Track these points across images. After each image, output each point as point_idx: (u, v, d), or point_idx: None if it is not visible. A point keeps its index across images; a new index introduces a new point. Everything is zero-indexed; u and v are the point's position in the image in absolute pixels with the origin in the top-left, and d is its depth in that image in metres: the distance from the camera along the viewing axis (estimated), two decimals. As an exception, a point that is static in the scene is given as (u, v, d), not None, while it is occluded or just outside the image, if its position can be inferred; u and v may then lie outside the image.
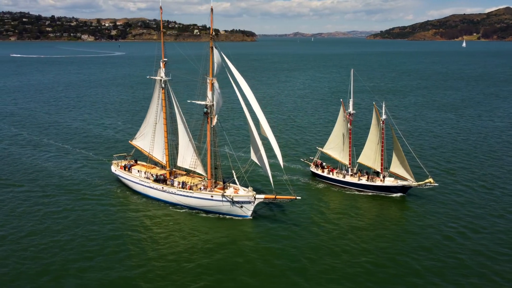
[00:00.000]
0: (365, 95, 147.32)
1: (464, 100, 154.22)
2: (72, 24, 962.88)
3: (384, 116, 65.05)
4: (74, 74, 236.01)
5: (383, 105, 65.02)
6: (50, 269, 42.84)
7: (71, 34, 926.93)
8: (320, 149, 73.89)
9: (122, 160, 69.00)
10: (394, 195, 63.56)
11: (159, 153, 65.23)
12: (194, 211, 56.95)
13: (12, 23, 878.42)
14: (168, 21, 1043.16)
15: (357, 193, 64.42)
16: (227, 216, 55.58)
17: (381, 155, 66.18)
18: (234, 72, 54.34)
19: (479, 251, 47.28)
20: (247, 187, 56.51)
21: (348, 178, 66.94)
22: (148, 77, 63.94)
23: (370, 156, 68.09)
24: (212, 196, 55.69)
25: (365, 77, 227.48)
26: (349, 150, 69.18)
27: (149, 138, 65.90)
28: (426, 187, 62.13)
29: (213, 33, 55.33)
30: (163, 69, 61.21)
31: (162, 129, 63.52)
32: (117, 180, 66.77)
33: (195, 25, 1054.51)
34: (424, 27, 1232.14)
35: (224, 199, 54.91)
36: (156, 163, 66.91)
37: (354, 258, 45.79)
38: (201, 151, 60.79)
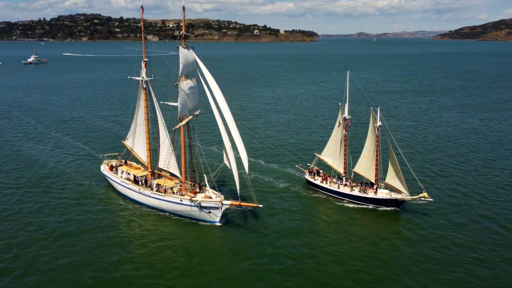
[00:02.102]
0: (388, 96, 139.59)
1: (497, 102, 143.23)
2: (138, 25, 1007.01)
3: (379, 123, 59.92)
4: (120, 72, 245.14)
5: (378, 111, 59.95)
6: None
7: (137, 35, 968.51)
8: (318, 155, 69.85)
9: (113, 160, 69.25)
10: (387, 208, 58.34)
11: (143, 154, 64.77)
12: (168, 215, 55.62)
13: (84, 24, 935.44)
14: (229, 21, 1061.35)
15: (348, 204, 59.81)
16: (198, 222, 53.75)
17: (375, 165, 61.16)
18: (206, 74, 52.23)
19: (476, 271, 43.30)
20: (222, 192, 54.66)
21: (341, 188, 62.51)
22: (129, 77, 63.61)
23: (365, 165, 63.13)
24: (181, 200, 54.14)
25: (403, 79, 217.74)
26: (344, 158, 64.68)
27: (136, 139, 65.77)
28: (420, 201, 56.56)
29: (184, 32, 53.55)
30: (144, 69, 60.52)
31: (144, 130, 62.99)
32: (105, 180, 67.09)
33: (255, 25, 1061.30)
34: (496, 27, 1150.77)
35: (192, 203, 53.16)
36: (143, 164, 66.53)
37: (320, 273, 42.72)
38: (178, 153, 59.44)
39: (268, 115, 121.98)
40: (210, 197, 53.83)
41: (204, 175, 55.36)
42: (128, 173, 62.70)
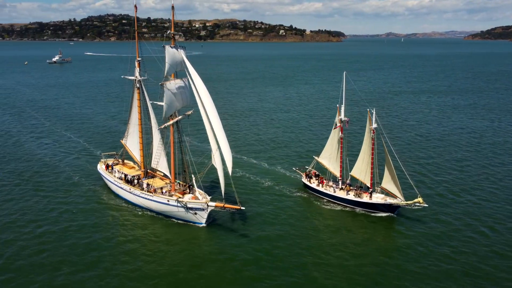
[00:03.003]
0: (401, 97, 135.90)
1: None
2: (165, 25, 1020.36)
3: (374, 125, 58.04)
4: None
5: (374, 113, 58.06)
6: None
7: (164, 35, 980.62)
8: (316, 158, 68.36)
9: (110, 159, 69.60)
10: (382, 214, 56.39)
11: (137, 153, 64.82)
12: (157, 215, 55.38)
13: (113, 24, 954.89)
14: (255, 21, 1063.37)
15: (343, 209, 58.07)
16: (185, 222, 53.35)
17: (371, 168, 59.29)
18: (193, 74, 51.64)
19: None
20: (209, 193, 54.05)
21: (337, 192, 60.85)
22: (122, 76, 63.91)
23: (362, 168, 61.33)
24: (168, 201, 53.83)
25: (422, 79, 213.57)
26: (340, 161, 63.03)
27: (131, 138, 66.07)
28: (415, 207, 54.44)
29: (173, 31, 53.28)
30: (138, 68, 60.62)
31: (137, 129, 63.08)
32: (101, 178, 67.49)
33: (281, 25, 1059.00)
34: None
35: (178, 204, 52.78)
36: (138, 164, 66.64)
37: (300, 277, 41.56)
38: (168, 153, 59.20)
39: (274, 114, 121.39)
40: (198, 198, 53.32)
41: (192, 176, 54.94)
42: (120, 172, 62.90)
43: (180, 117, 56.04)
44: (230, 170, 51.20)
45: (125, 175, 61.33)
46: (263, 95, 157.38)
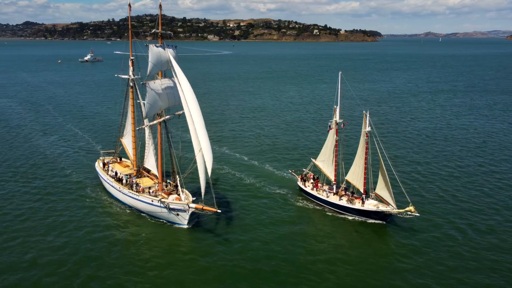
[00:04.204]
0: (417, 97, 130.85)
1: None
2: (200, 25, 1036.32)
3: (368, 128, 55.77)
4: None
5: (368, 115, 55.82)
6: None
7: (199, 35, 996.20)
8: (313, 160, 66.62)
9: (108, 157, 70.32)
10: (372, 221, 54.17)
11: (131, 152, 65.15)
12: (144, 215, 55.39)
13: (149, 24, 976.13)
14: (289, 21, 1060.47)
15: (335, 214, 56.05)
16: (170, 223, 53.06)
17: (364, 173, 57.08)
18: (179, 73, 51.20)
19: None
20: (193, 193, 53.58)
21: (330, 197, 58.97)
22: (116, 75, 64.34)
23: (356, 173, 59.23)
24: (152, 201, 53.67)
25: (447, 79, 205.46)
26: (335, 164, 61.10)
27: (126, 137, 66.55)
28: (407, 216, 52.01)
29: (160, 30, 53.21)
30: (131, 67, 60.84)
31: (131, 128, 63.43)
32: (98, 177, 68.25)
33: (315, 25, 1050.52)
34: None
35: (161, 205, 52.51)
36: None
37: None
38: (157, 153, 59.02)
39: (282, 113, 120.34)
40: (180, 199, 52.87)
41: (177, 176, 54.61)
42: (113, 171, 63.32)
43: (167, 116, 55.74)
44: (209, 171, 50.36)
45: (116, 173, 61.69)
46: (278, 94, 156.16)
